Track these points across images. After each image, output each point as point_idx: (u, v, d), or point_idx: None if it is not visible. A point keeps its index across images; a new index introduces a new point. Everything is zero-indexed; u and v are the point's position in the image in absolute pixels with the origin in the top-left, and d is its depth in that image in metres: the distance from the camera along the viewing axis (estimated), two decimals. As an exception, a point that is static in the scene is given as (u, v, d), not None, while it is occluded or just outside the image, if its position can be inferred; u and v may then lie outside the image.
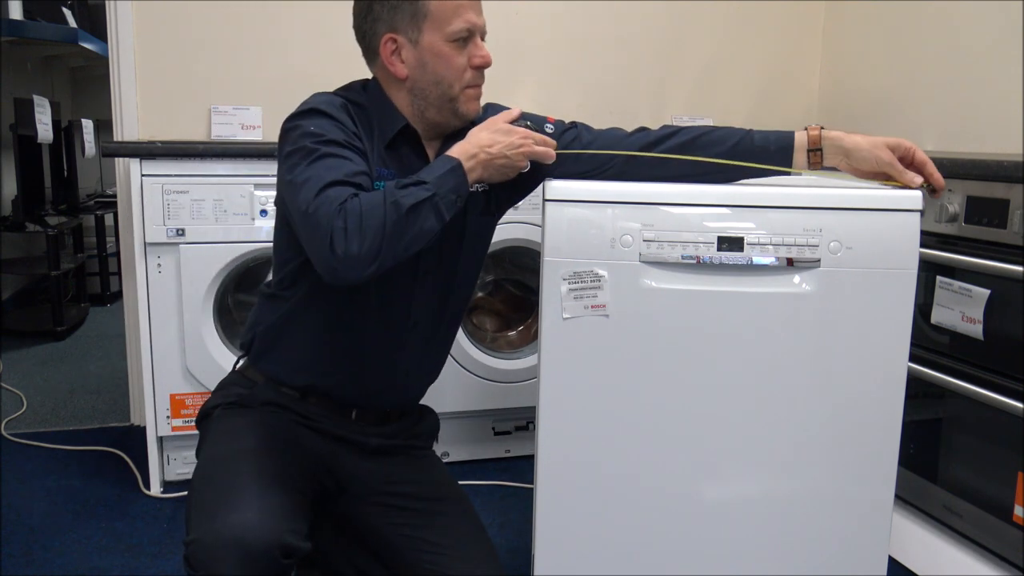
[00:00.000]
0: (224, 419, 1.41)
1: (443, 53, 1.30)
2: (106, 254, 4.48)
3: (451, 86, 1.33)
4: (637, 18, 2.87)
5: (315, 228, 1.17)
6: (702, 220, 1.33)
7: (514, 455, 2.43)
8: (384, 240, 1.17)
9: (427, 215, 1.20)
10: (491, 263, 2.46)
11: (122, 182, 2.53)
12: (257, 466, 1.29)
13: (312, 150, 1.24)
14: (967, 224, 1.68)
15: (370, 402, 1.45)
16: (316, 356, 1.41)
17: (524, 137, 1.29)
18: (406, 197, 1.18)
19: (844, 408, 1.35)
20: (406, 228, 1.18)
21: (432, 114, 1.36)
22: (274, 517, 1.20)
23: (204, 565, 1.15)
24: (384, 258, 1.18)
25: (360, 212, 1.16)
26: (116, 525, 2.00)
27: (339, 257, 1.16)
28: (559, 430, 1.37)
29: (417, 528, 1.42)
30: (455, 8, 1.29)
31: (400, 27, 1.31)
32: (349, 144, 1.27)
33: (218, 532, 1.17)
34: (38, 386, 3.08)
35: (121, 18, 2.44)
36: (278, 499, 1.25)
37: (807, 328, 1.33)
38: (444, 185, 1.22)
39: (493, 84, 2.77)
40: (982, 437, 1.68)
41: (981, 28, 2.39)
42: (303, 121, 1.29)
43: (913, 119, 2.64)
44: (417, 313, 1.43)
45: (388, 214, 1.16)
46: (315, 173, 1.21)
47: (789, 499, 1.38)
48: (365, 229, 1.15)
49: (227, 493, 1.24)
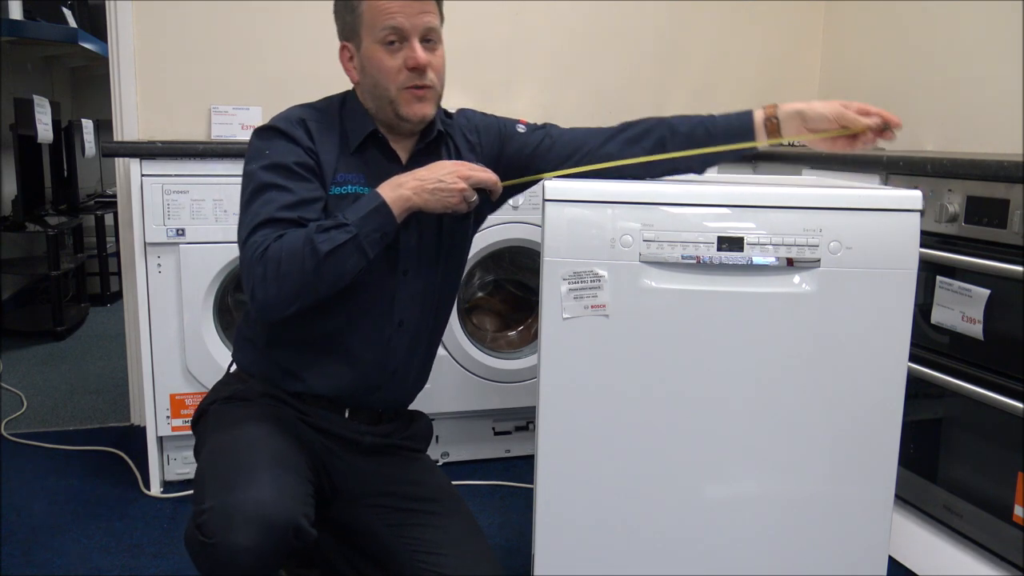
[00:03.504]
0: (225, 412, 1.42)
1: (375, 57, 1.35)
2: (106, 254, 4.48)
3: (386, 88, 1.36)
4: (637, 18, 2.87)
5: (242, 272, 1.30)
6: (702, 220, 1.33)
7: (514, 455, 2.43)
8: (302, 284, 1.26)
9: (348, 256, 1.26)
10: (491, 263, 2.46)
11: (122, 182, 2.53)
12: (269, 449, 1.33)
13: (253, 178, 1.33)
14: (967, 224, 1.68)
15: (361, 402, 1.47)
16: (305, 360, 1.43)
17: (457, 165, 1.33)
18: (325, 242, 1.25)
19: (844, 408, 1.35)
20: (325, 271, 1.26)
21: (383, 116, 1.40)
22: (292, 499, 1.24)
23: (221, 532, 1.17)
24: (304, 299, 1.28)
25: (279, 259, 1.24)
26: (116, 525, 2.00)
27: (259, 302, 1.28)
28: (559, 430, 1.37)
29: (413, 529, 1.42)
30: (383, 11, 1.32)
31: (349, 35, 1.39)
32: (295, 166, 1.34)
33: (238, 503, 1.19)
34: (38, 386, 3.08)
35: (121, 18, 2.45)
36: (292, 482, 1.28)
37: (807, 328, 1.33)
38: (367, 225, 1.27)
39: (494, 85, 2.79)
40: (982, 437, 1.68)
41: (981, 28, 2.39)
42: (260, 142, 1.37)
43: (913, 119, 2.64)
44: (401, 312, 1.45)
45: (306, 260, 1.24)
46: (251, 211, 1.30)
47: (789, 499, 1.38)
48: (283, 276, 1.25)
49: (243, 471, 1.26)
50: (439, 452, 2.37)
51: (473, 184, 1.32)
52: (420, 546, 1.40)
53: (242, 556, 1.17)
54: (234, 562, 1.17)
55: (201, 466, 1.34)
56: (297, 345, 1.43)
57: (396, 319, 1.45)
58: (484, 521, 2.03)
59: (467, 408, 2.33)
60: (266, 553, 1.19)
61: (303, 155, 1.35)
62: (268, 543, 1.18)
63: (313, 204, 1.33)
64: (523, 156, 1.50)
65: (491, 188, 1.36)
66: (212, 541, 1.17)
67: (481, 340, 2.37)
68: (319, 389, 1.43)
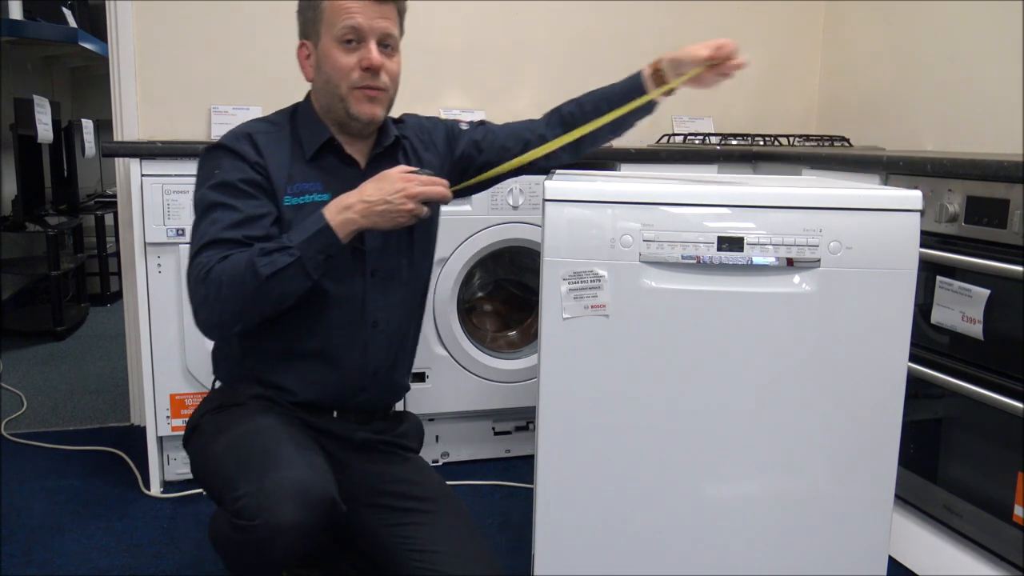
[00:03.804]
0: (221, 418, 1.43)
1: (331, 54, 1.38)
2: (106, 254, 4.48)
3: (338, 86, 1.38)
4: (637, 18, 2.87)
5: (188, 292, 1.32)
6: (702, 220, 1.33)
7: (514, 455, 2.43)
8: (243, 306, 1.29)
9: (291, 278, 1.28)
10: (491, 263, 2.46)
11: (122, 182, 2.53)
12: (286, 432, 1.35)
13: (203, 199, 1.36)
14: (967, 224, 1.68)
15: (346, 405, 1.49)
16: (284, 368, 1.45)
17: (405, 182, 1.32)
18: (266, 266, 1.26)
19: (844, 408, 1.35)
20: (266, 294, 1.27)
21: (335, 114, 1.42)
22: (324, 472, 1.29)
23: (264, 513, 1.19)
24: (247, 319, 1.31)
25: (221, 281, 1.27)
26: (116, 525, 1.99)
27: (203, 322, 1.31)
28: (559, 430, 1.37)
29: (408, 528, 1.43)
30: (343, 10, 1.36)
31: (308, 33, 1.42)
32: (241, 183, 1.36)
33: (275, 483, 1.21)
34: (38, 386, 3.08)
35: (121, 18, 2.44)
36: (318, 459, 1.31)
37: (807, 328, 1.33)
38: (310, 247, 1.29)
39: (494, 85, 2.79)
40: (982, 437, 1.67)
41: (981, 28, 2.39)
42: (208, 162, 1.40)
43: (913, 119, 2.64)
44: (374, 313, 1.47)
45: (247, 282, 1.26)
46: (198, 232, 1.34)
47: (789, 499, 1.38)
48: (224, 298, 1.27)
49: (269, 454, 1.28)
50: (439, 452, 2.37)
51: (421, 200, 1.33)
52: (416, 545, 1.40)
53: (287, 533, 1.19)
54: (279, 540, 1.19)
55: (215, 466, 1.35)
56: (274, 355, 1.45)
57: (370, 320, 1.46)
58: (484, 521, 2.03)
59: (467, 408, 2.33)
60: (309, 528, 1.22)
61: (249, 171, 1.37)
62: (311, 517, 1.21)
63: (260, 220, 1.35)
64: (472, 152, 1.58)
65: (440, 199, 1.36)
66: (255, 523, 1.19)
67: (481, 340, 2.36)
68: (302, 395, 1.45)
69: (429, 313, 2.22)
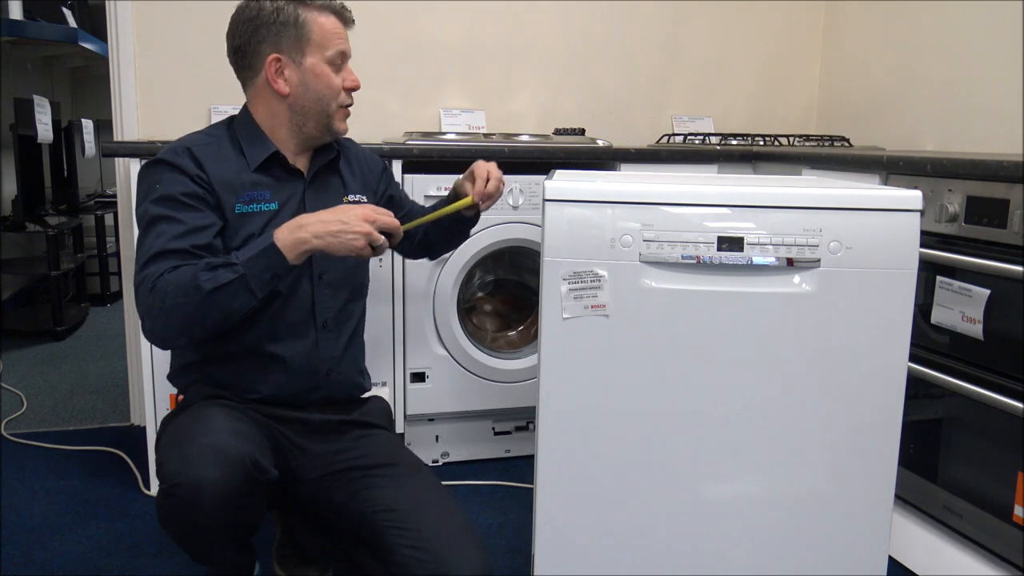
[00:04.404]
0: (174, 420, 1.46)
1: (324, 73, 1.46)
2: (106, 254, 4.48)
3: (328, 104, 1.48)
4: (637, 18, 2.87)
5: (136, 303, 1.34)
6: (702, 220, 1.33)
7: (514, 455, 2.43)
8: (187, 319, 1.30)
9: (235, 294, 1.30)
10: (491, 263, 2.46)
11: (122, 182, 2.53)
12: (220, 414, 1.39)
13: (145, 213, 1.38)
14: (967, 224, 1.68)
15: (303, 401, 1.53)
16: (241, 373, 1.48)
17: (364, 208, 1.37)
18: (208, 281, 1.29)
19: (844, 408, 1.35)
20: (210, 308, 1.30)
21: (310, 129, 1.49)
22: (246, 439, 1.33)
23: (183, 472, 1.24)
24: (192, 332, 1.33)
25: (165, 293, 1.29)
26: (116, 525, 1.99)
27: (150, 332, 1.33)
28: (559, 430, 1.37)
29: (372, 491, 1.46)
30: (334, 35, 1.46)
31: (285, 48, 1.44)
32: (183, 196, 1.38)
33: (196, 447, 1.27)
34: (38, 386, 3.08)
35: (121, 18, 2.44)
36: (245, 431, 1.36)
37: (807, 328, 1.33)
38: (255, 265, 1.31)
39: (494, 85, 2.79)
40: (982, 437, 1.68)
41: (981, 28, 2.39)
42: (148, 177, 1.42)
43: (913, 119, 2.64)
44: (324, 314, 1.52)
45: (190, 296, 1.28)
46: (144, 245, 1.35)
47: (789, 499, 1.38)
48: (169, 310, 1.29)
49: (195, 430, 1.33)
50: (439, 452, 2.37)
51: (378, 228, 1.35)
52: (381, 505, 1.43)
53: (206, 491, 1.23)
54: (200, 497, 1.23)
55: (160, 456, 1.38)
56: (231, 360, 1.48)
57: (319, 321, 1.51)
58: (484, 521, 2.03)
59: (467, 408, 2.33)
60: (226, 485, 1.25)
61: (191, 184, 1.40)
62: (229, 475, 1.25)
63: (203, 231, 1.38)
64: (393, 199, 1.70)
65: (393, 232, 1.39)
66: (177, 483, 1.24)
67: (481, 340, 2.36)
68: (261, 395, 1.49)
69: (429, 313, 2.23)
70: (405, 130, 2.62)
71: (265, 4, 1.43)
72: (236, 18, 1.49)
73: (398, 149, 2.17)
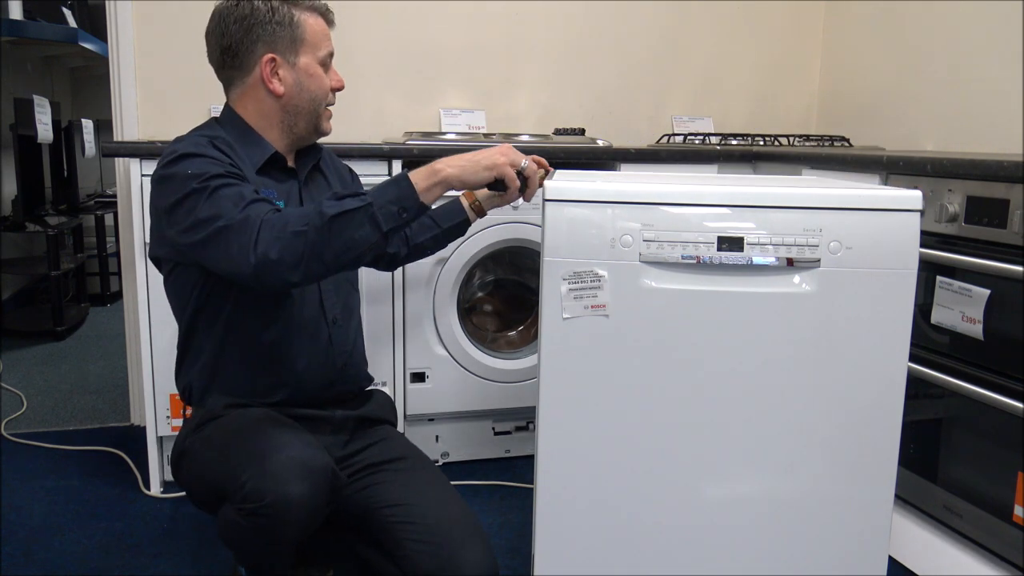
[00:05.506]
0: (204, 435, 1.44)
1: (317, 74, 1.48)
2: (106, 254, 4.48)
3: (319, 103, 1.49)
4: (637, 19, 2.87)
5: (239, 234, 1.21)
6: (702, 220, 1.33)
7: (514, 455, 2.43)
8: (308, 248, 1.20)
9: (358, 224, 1.22)
10: (491, 263, 2.46)
11: (122, 182, 2.53)
12: (273, 422, 1.38)
13: (203, 188, 1.28)
14: (967, 224, 1.68)
15: (320, 399, 1.54)
16: (256, 379, 1.48)
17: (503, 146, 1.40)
18: (332, 207, 1.22)
19: (844, 408, 1.35)
20: (332, 236, 1.21)
21: (300, 128, 1.50)
22: (319, 447, 1.32)
23: (271, 491, 1.22)
24: (311, 264, 1.21)
25: (287, 221, 1.21)
26: (116, 525, 1.99)
27: (261, 260, 1.20)
28: (559, 430, 1.37)
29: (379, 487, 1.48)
30: (324, 36, 1.49)
31: (280, 49, 1.44)
32: (232, 174, 1.33)
33: (277, 462, 1.24)
34: (38, 386, 3.08)
35: (121, 18, 2.44)
36: (310, 437, 1.35)
37: (807, 328, 1.33)
38: (383, 196, 1.25)
39: (494, 85, 2.78)
40: (982, 437, 1.67)
41: (981, 28, 2.39)
42: (177, 169, 1.32)
43: (913, 119, 2.64)
44: (332, 310, 1.54)
45: (312, 222, 1.21)
46: (228, 197, 1.26)
47: (789, 499, 1.38)
48: (291, 237, 1.20)
49: (263, 442, 1.30)
50: (439, 452, 2.37)
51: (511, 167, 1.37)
52: (388, 501, 1.45)
53: (298, 506, 1.22)
54: (291, 514, 1.22)
55: (213, 474, 1.36)
56: (244, 367, 1.47)
57: (330, 318, 1.53)
58: (484, 521, 2.03)
59: (467, 408, 2.33)
60: (315, 499, 1.25)
61: (231, 168, 1.35)
62: (316, 488, 1.25)
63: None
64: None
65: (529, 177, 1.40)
66: (264, 502, 1.21)
67: (481, 340, 2.36)
68: (278, 398, 1.49)
69: (429, 313, 2.23)
70: (405, 130, 2.62)
71: (258, 4, 1.42)
72: (224, 18, 1.44)
73: (398, 149, 2.16)
